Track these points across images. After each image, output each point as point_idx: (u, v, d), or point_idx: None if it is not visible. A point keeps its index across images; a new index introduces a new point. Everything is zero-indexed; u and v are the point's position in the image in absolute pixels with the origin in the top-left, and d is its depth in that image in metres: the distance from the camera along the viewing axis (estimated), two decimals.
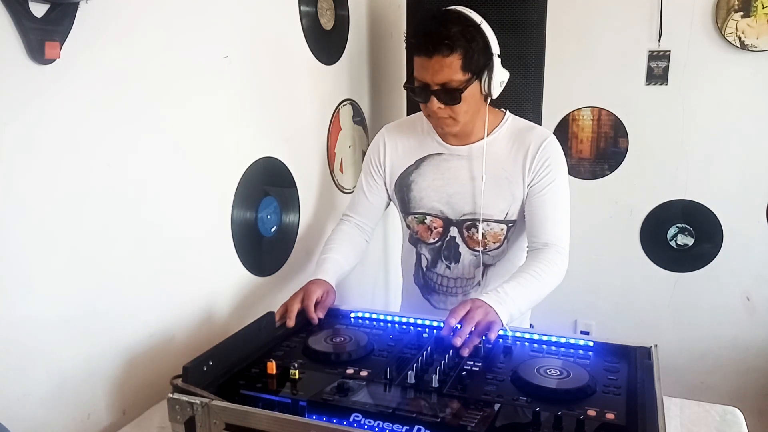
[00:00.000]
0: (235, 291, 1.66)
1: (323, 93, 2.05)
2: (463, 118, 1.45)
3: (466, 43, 1.35)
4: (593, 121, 2.70)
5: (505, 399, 1.05)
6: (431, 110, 1.43)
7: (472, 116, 1.47)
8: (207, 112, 1.50)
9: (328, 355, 1.22)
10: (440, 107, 1.41)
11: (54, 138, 1.11)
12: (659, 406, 0.98)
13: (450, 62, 1.35)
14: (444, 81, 1.37)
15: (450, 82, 1.37)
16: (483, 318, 1.26)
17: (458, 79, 1.37)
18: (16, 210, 1.06)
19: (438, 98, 1.40)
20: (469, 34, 1.36)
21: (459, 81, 1.38)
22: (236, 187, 1.62)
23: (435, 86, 1.39)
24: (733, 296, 2.66)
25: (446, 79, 1.37)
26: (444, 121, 1.45)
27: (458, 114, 1.43)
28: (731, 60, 2.46)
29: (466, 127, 1.49)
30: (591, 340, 1.27)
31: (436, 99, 1.40)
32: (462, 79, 1.38)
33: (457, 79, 1.37)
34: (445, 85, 1.38)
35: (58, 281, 1.15)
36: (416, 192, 1.60)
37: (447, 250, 1.61)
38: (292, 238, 1.91)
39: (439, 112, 1.42)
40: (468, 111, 1.44)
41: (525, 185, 1.51)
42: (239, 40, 1.59)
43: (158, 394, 1.36)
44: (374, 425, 0.98)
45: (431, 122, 1.50)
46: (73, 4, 1.09)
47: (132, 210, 1.30)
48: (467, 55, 1.36)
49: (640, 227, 2.74)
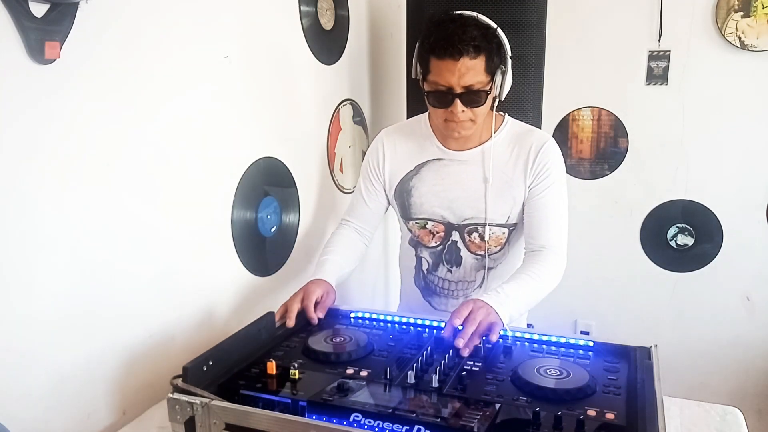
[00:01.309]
0: (235, 291, 1.66)
1: (323, 93, 2.05)
2: (480, 120, 1.46)
3: (488, 44, 1.37)
4: (593, 121, 2.70)
5: (505, 399, 1.05)
6: (453, 114, 1.41)
7: (484, 119, 1.48)
8: (207, 112, 1.50)
9: (328, 355, 1.22)
10: (464, 110, 1.40)
11: (54, 138, 1.11)
12: (659, 406, 0.98)
13: (475, 64, 1.36)
14: (470, 83, 1.37)
15: (475, 84, 1.38)
16: (485, 318, 1.27)
17: (483, 81, 1.38)
18: (16, 210, 1.06)
19: (462, 101, 1.39)
20: (489, 36, 1.38)
21: (483, 83, 1.39)
22: (236, 187, 1.62)
23: (460, 89, 1.38)
24: (733, 296, 2.66)
25: (473, 81, 1.37)
26: (463, 124, 1.44)
27: (478, 116, 1.43)
28: (731, 60, 2.46)
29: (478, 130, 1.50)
30: (591, 340, 1.27)
31: (461, 102, 1.39)
32: (485, 80, 1.39)
33: (481, 81, 1.38)
34: (470, 87, 1.38)
35: (58, 281, 1.15)
36: (417, 197, 1.59)
37: (448, 254, 1.61)
38: (292, 238, 1.91)
39: (461, 115, 1.41)
40: (485, 113, 1.46)
41: (526, 188, 1.51)
42: (239, 40, 1.59)
43: (158, 394, 1.36)
44: (374, 425, 0.98)
45: (446, 126, 1.46)
46: (73, 4, 1.09)
47: (132, 210, 1.30)
48: (490, 57, 1.38)
49: (640, 227, 2.74)
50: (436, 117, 1.48)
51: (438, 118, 1.47)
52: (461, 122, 1.43)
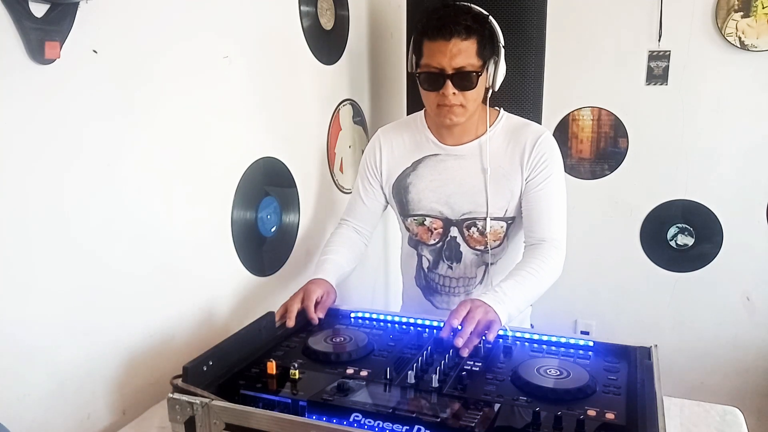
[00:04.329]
0: (235, 291, 1.66)
1: (323, 93, 2.06)
2: (472, 107, 1.46)
3: (481, 28, 1.39)
4: (593, 121, 2.70)
5: (505, 399, 1.05)
6: (444, 96, 1.42)
7: (476, 107, 1.48)
8: (207, 112, 1.50)
9: (328, 355, 1.22)
10: (454, 93, 1.41)
11: (54, 138, 1.11)
12: (659, 406, 0.98)
13: (467, 46, 1.38)
14: (462, 65, 1.39)
15: (466, 66, 1.39)
16: (483, 317, 1.27)
17: (474, 63, 1.40)
18: (16, 210, 1.06)
19: (453, 83, 1.40)
20: (480, 22, 1.40)
21: (474, 66, 1.40)
22: (236, 187, 1.62)
23: (451, 70, 1.39)
24: (733, 296, 2.66)
25: (464, 62, 1.39)
26: (454, 109, 1.44)
27: (469, 101, 1.44)
28: (731, 60, 2.46)
29: (471, 118, 1.50)
30: (591, 340, 1.27)
31: (452, 84, 1.40)
32: (477, 64, 1.40)
33: (473, 63, 1.40)
34: (461, 69, 1.39)
35: (58, 281, 1.15)
36: (414, 194, 1.60)
37: (448, 251, 1.61)
38: (292, 238, 1.91)
39: (452, 98, 1.42)
40: (476, 100, 1.46)
41: (523, 180, 1.52)
42: (239, 40, 1.59)
43: (158, 394, 1.36)
44: (374, 425, 0.98)
45: (438, 112, 1.46)
46: (73, 4, 1.09)
47: (132, 210, 1.30)
48: (481, 41, 1.40)
49: (640, 227, 2.74)
50: (429, 103, 1.49)
51: (431, 105, 1.48)
52: (452, 106, 1.44)
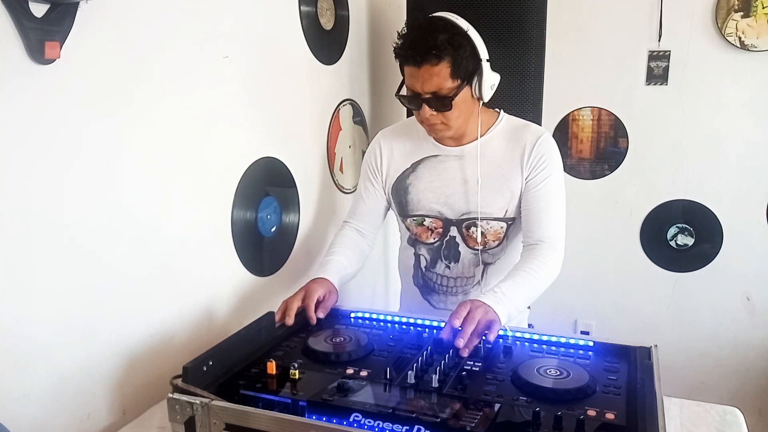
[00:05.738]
0: (235, 291, 1.66)
1: (323, 93, 2.05)
2: (455, 123, 1.47)
3: (454, 50, 1.36)
4: (593, 121, 2.70)
5: (505, 399, 1.05)
6: (424, 117, 1.45)
7: (465, 120, 1.49)
8: (207, 112, 1.50)
9: (328, 355, 1.22)
10: (432, 114, 1.43)
11: (54, 138, 1.11)
12: (659, 406, 0.98)
13: (439, 71, 1.36)
14: (434, 89, 1.39)
15: (440, 90, 1.39)
16: (483, 317, 1.27)
17: (448, 86, 1.39)
18: (15, 209, 1.06)
19: (429, 106, 1.42)
20: (456, 41, 1.37)
21: (449, 88, 1.39)
22: (236, 187, 1.62)
23: (426, 95, 1.40)
24: (733, 296, 2.66)
25: (436, 87, 1.38)
26: (436, 127, 1.47)
27: (450, 120, 1.45)
28: (731, 60, 2.46)
29: (460, 130, 1.51)
30: (591, 340, 1.27)
31: (428, 107, 1.42)
32: (452, 86, 1.39)
33: (447, 86, 1.39)
34: (435, 93, 1.40)
35: (58, 281, 1.15)
36: (413, 194, 1.60)
37: (446, 250, 1.61)
38: (292, 238, 1.91)
39: (431, 119, 1.44)
40: (460, 116, 1.46)
41: (523, 181, 1.52)
42: (239, 40, 1.59)
43: (158, 394, 1.36)
44: (374, 425, 0.98)
45: (425, 128, 1.52)
46: (73, 4, 1.09)
47: (132, 210, 1.30)
48: (455, 62, 1.37)
49: (640, 227, 2.74)
50: (417, 118, 1.51)
51: (418, 120, 1.51)
52: (434, 125, 1.46)
